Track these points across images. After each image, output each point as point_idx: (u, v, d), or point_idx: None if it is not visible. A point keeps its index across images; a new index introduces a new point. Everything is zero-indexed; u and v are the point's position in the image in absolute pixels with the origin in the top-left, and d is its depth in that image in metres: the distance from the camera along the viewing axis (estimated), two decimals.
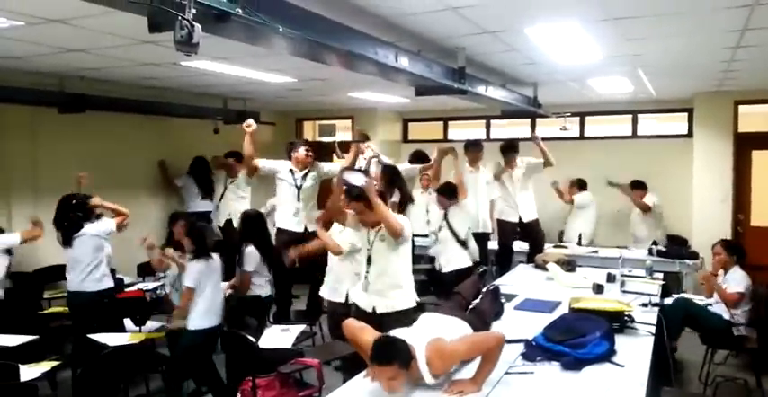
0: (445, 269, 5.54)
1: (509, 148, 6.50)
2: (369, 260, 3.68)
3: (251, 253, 4.64)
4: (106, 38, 3.98)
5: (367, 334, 2.81)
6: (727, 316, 4.57)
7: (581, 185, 7.48)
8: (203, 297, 4.12)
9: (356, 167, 3.97)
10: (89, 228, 4.65)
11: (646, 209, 6.92)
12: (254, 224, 4.80)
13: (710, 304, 4.80)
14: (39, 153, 5.98)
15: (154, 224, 6.66)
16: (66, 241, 4.61)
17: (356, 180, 3.51)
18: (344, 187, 3.57)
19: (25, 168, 5.87)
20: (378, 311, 3.65)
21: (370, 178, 3.64)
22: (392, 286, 3.68)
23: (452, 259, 5.54)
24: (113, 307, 4.75)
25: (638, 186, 7.00)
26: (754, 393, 4.50)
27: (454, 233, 5.53)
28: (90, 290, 4.62)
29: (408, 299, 3.72)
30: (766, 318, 4.60)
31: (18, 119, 5.76)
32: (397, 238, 3.55)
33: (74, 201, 4.67)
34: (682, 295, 4.70)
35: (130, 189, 6.50)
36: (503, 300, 4.12)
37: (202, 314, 4.11)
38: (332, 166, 5.85)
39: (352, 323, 2.97)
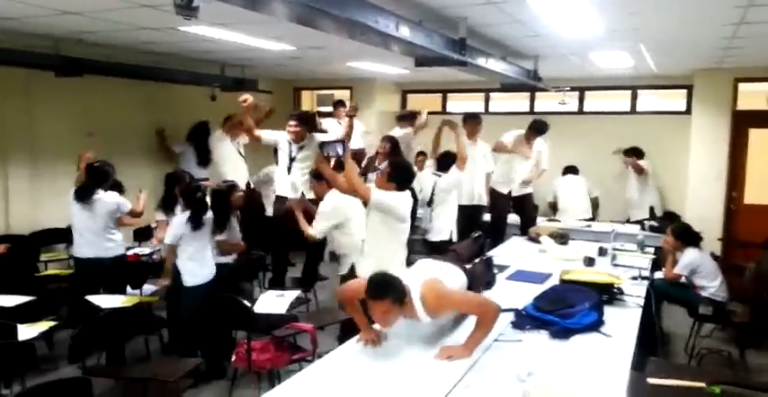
0: (434, 239, 5.59)
1: (537, 127, 6.45)
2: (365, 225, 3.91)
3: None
4: (104, 0, 3.93)
5: (359, 284, 2.85)
6: (705, 294, 4.64)
7: (637, 153, 7.28)
8: (191, 254, 4.22)
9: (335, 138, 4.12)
10: (105, 196, 4.69)
11: (639, 170, 7.07)
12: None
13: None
14: (35, 116, 5.95)
15: (149, 189, 6.66)
16: (81, 199, 4.62)
17: (333, 149, 3.84)
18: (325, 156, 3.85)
19: (22, 131, 5.85)
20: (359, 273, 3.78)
21: (345, 145, 3.87)
22: (375, 252, 3.85)
23: (440, 228, 5.58)
24: (117, 272, 4.81)
25: (633, 152, 7.18)
26: (737, 366, 4.61)
27: (441, 203, 5.58)
28: (98, 256, 4.66)
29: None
30: (755, 294, 4.69)
31: (14, 82, 5.72)
32: (365, 204, 3.77)
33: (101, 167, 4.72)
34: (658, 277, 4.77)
35: (126, 154, 6.48)
36: (495, 270, 4.18)
37: (194, 271, 4.22)
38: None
39: (345, 285, 3.05)
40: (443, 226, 5.57)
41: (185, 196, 4.41)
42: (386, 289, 2.64)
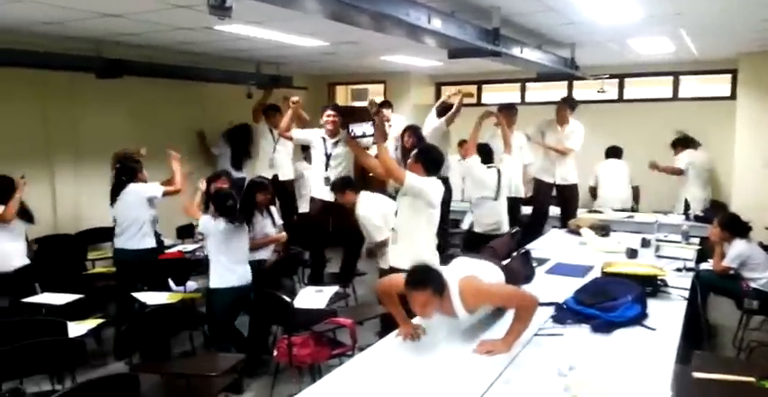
0: (503, 232, 5.30)
1: (566, 102, 6.41)
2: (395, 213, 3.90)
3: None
4: (142, 2, 4.01)
5: (399, 277, 2.82)
6: (755, 285, 4.50)
7: (685, 143, 6.91)
8: (220, 257, 4.22)
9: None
10: (135, 187, 4.86)
11: (677, 173, 6.75)
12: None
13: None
14: (78, 118, 6.13)
15: (188, 189, 6.79)
16: (112, 198, 4.87)
17: (360, 128, 3.70)
18: (353, 136, 3.74)
19: (66, 133, 6.03)
20: (394, 266, 3.73)
21: (375, 125, 3.72)
22: (407, 241, 3.81)
23: (506, 220, 5.41)
24: (157, 267, 4.95)
25: (677, 143, 6.87)
26: None
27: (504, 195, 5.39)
28: (132, 248, 4.84)
29: (403, 260, 3.60)
30: None
31: (57, 85, 5.90)
32: (401, 185, 3.68)
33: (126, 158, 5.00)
34: (706, 268, 4.63)
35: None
36: (534, 264, 4.13)
37: (222, 274, 4.22)
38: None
39: (383, 279, 3.06)
40: (507, 219, 5.41)
41: (216, 202, 4.31)
42: (426, 278, 2.65)
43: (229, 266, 4.23)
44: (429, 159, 3.81)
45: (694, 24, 4.98)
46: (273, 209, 5.25)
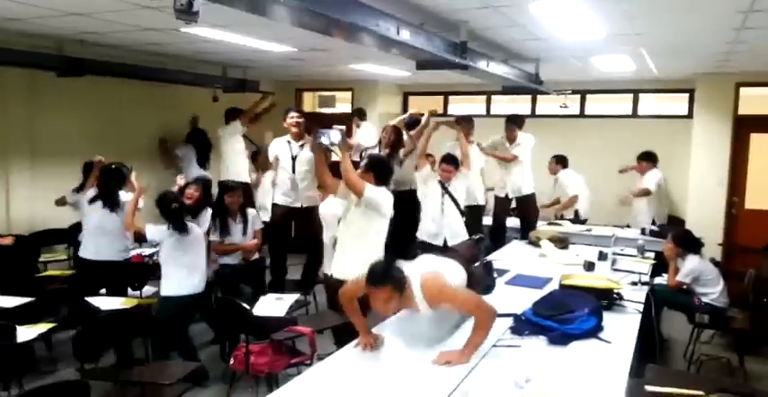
0: (451, 242, 5.40)
1: (512, 120, 6.53)
2: (343, 223, 3.82)
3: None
4: (107, 2, 3.93)
5: (361, 281, 2.81)
6: (706, 300, 4.63)
7: (651, 159, 6.87)
8: (170, 265, 4.14)
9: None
10: (126, 196, 4.76)
11: (645, 194, 6.76)
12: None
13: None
14: (36, 116, 5.96)
15: (150, 191, 6.66)
16: (109, 203, 4.70)
17: (328, 138, 3.63)
18: (318, 143, 3.67)
19: (23, 131, 5.86)
20: (334, 276, 3.75)
21: (343, 134, 3.72)
22: (355, 252, 3.72)
23: (458, 231, 5.42)
24: (124, 274, 4.84)
25: (646, 158, 6.85)
26: (736, 372, 4.60)
27: (457, 205, 5.47)
28: (118, 259, 4.74)
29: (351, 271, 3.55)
30: (755, 300, 4.67)
31: (16, 83, 5.73)
32: (359, 197, 3.64)
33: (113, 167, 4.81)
34: (660, 282, 4.75)
35: (128, 155, 6.48)
36: (495, 275, 4.17)
37: (170, 282, 4.14)
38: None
39: (346, 286, 3.03)
40: (460, 229, 5.45)
41: (159, 205, 4.20)
42: (386, 276, 2.67)
43: (178, 274, 4.13)
44: (380, 169, 3.84)
45: (655, 44, 5.13)
46: (251, 214, 5.18)
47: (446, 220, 5.38)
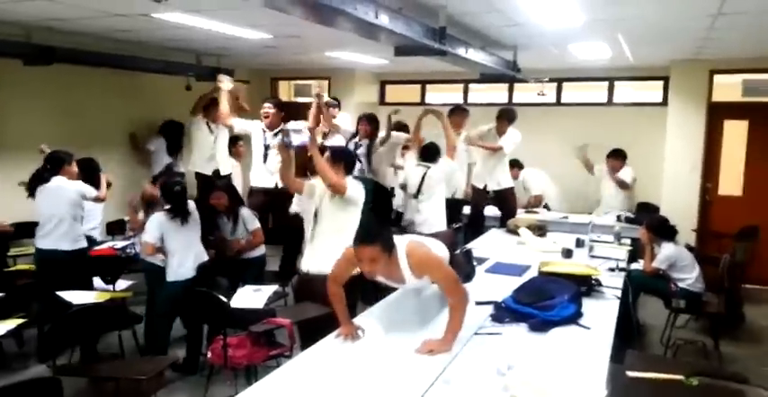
0: (424, 232, 5.43)
1: (504, 115, 6.43)
2: (315, 218, 3.71)
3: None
4: None
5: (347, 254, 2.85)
6: (682, 285, 4.69)
7: (622, 156, 6.79)
8: (173, 251, 4.23)
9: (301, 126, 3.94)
10: (60, 182, 4.55)
11: (624, 187, 6.74)
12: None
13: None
14: (2, 106, 5.77)
15: (122, 182, 6.54)
16: (31, 192, 4.56)
17: (298, 137, 3.61)
18: (287, 144, 3.62)
19: None
20: (311, 271, 3.68)
21: (310, 132, 3.75)
22: (336, 245, 3.55)
23: (431, 221, 5.38)
24: (85, 266, 4.69)
25: (616, 155, 6.75)
26: (711, 355, 4.67)
27: (431, 195, 5.44)
28: (64, 249, 4.53)
29: (323, 264, 3.55)
30: (729, 285, 4.74)
31: None
32: (342, 196, 3.62)
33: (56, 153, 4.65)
34: (635, 268, 4.78)
35: (99, 145, 6.33)
36: (474, 263, 4.16)
37: (176, 267, 4.23)
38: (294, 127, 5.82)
39: (334, 268, 3.00)
40: (435, 219, 5.39)
41: (163, 191, 4.34)
42: (376, 233, 2.69)
43: (186, 257, 4.26)
44: (348, 159, 3.89)
45: (632, 30, 5.14)
46: (245, 214, 4.97)
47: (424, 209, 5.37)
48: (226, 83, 5.76)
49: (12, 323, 3.72)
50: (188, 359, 4.25)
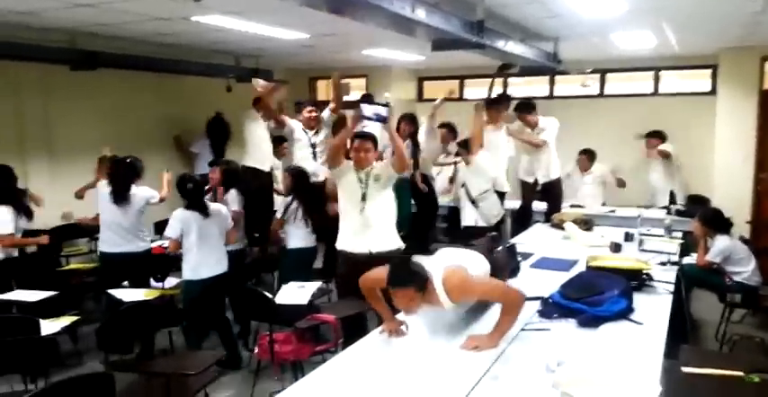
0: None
1: (518, 109, 6.32)
2: (363, 197, 3.83)
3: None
4: None
5: (380, 273, 2.76)
6: (738, 278, 4.52)
7: (661, 136, 6.93)
8: (194, 248, 4.21)
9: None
10: (140, 190, 4.71)
11: (666, 156, 6.69)
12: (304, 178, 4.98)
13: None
14: (52, 111, 5.97)
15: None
16: (119, 198, 4.63)
17: (372, 109, 3.71)
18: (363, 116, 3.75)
19: (39, 126, 5.87)
20: (373, 251, 3.80)
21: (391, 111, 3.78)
22: (387, 225, 3.95)
23: (465, 216, 5.60)
24: (144, 266, 4.81)
25: (654, 135, 6.88)
26: None
27: (467, 192, 5.54)
28: (136, 251, 4.68)
29: (397, 241, 4.01)
30: None
31: (31, 77, 5.73)
32: (401, 171, 3.92)
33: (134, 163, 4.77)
34: (688, 262, 4.64)
35: (142, 148, 6.46)
36: (519, 258, 4.10)
37: (194, 265, 4.21)
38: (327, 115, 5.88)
39: (365, 276, 2.94)
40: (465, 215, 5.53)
41: (178, 187, 4.34)
42: (408, 277, 2.58)
43: (198, 257, 4.22)
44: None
45: (677, 17, 4.98)
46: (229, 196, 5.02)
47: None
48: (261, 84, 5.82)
49: (66, 321, 3.84)
50: (230, 355, 4.25)
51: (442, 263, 2.78)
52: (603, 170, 7.00)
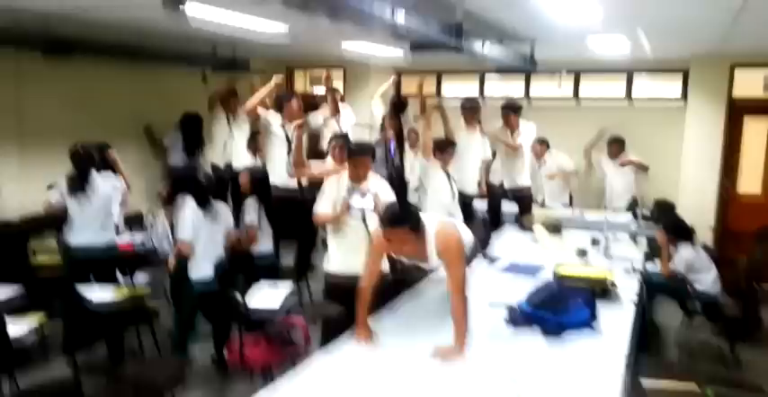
0: None
1: (509, 108, 6.32)
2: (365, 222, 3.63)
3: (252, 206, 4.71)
4: None
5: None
6: (699, 286, 4.64)
7: (622, 144, 6.89)
8: (198, 247, 4.18)
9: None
10: (100, 178, 4.57)
11: (645, 169, 6.70)
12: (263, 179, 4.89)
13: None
14: (23, 98, 5.83)
15: (138, 174, 6.57)
16: (75, 190, 4.48)
17: (360, 202, 3.48)
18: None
19: (10, 114, 5.73)
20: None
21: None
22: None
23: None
24: (109, 260, 4.71)
25: (616, 142, 6.81)
26: (728, 360, 4.59)
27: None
28: (99, 243, 4.56)
29: None
30: (746, 288, 4.68)
31: (2, 65, 5.58)
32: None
33: (83, 150, 4.52)
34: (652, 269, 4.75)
35: (116, 137, 6.35)
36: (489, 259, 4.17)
37: (199, 261, 4.18)
38: (315, 119, 5.82)
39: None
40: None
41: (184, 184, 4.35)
42: (405, 215, 2.76)
43: (208, 253, 4.20)
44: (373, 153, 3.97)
45: (652, 25, 5.04)
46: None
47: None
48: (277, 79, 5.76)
49: (34, 321, 3.77)
50: (219, 358, 4.18)
51: (437, 217, 3.01)
52: (561, 162, 7.06)
